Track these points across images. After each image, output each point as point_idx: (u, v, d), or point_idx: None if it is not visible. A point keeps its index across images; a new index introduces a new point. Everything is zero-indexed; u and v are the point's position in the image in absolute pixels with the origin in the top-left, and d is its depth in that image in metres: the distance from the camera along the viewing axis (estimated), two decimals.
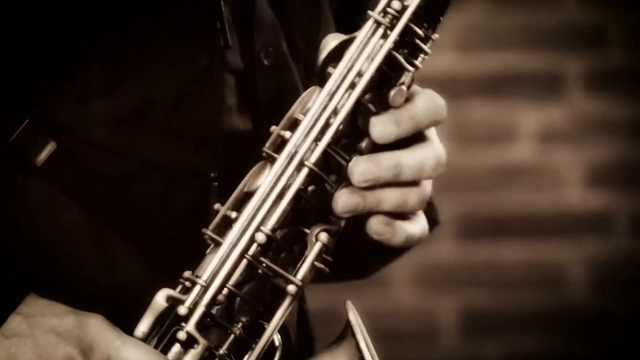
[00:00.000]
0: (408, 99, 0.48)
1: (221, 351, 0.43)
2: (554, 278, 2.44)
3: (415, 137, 0.50)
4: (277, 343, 0.45)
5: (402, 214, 0.50)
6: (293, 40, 0.61)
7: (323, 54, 0.48)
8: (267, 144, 0.47)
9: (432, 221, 0.64)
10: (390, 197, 0.48)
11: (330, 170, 0.46)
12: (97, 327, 0.44)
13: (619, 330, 2.41)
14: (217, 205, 0.47)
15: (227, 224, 0.46)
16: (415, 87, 0.50)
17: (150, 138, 0.52)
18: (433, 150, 0.51)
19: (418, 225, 0.53)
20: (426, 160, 0.49)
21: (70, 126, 0.50)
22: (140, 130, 0.51)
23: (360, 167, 0.45)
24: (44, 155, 0.49)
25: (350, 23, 0.61)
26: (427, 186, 0.53)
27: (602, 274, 2.42)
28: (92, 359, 0.43)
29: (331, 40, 0.49)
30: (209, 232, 0.45)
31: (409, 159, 0.48)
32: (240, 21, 0.56)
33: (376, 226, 0.48)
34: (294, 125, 0.47)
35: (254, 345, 0.44)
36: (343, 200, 0.46)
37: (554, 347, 2.41)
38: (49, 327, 0.45)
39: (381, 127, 0.46)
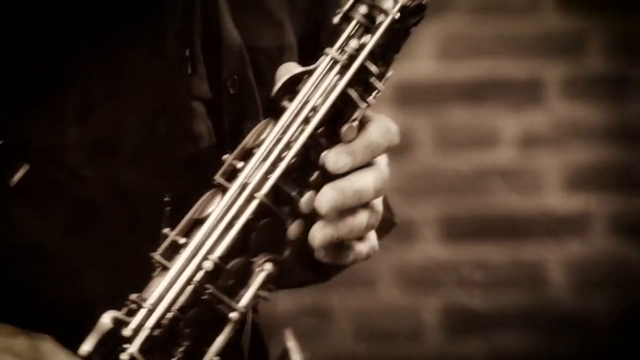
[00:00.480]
0: (362, 128, 0.48)
1: None
2: (535, 278, 2.45)
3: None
4: None
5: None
6: (259, 65, 0.61)
7: (276, 86, 0.48)
8: (219, 173, 0.47)
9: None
10: (358, 223, 0.49)
11: (279, 201, 0.47)
12: (49, 348, 0.45)
13: (597, 328, 2.43)
14: (166, 230, 0.47)
15: (175, 248, 0.46)
16: (368, 114, 0.50)
17: (123, 164, 0.52)
18: (378, 174, 0.51)
19: (366, 243, 0.54)
20: (375, 184, 0.50)
21: (45, 150, 0.50)
22: (113, 156, 0.52)
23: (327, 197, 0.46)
24: (17, 176, 0.49)
25: (312, 44, 0.62)
26: (378, 204, 0.53)
27: (581, 273, 2.43)
28: None
29: (284, 73, 0.49)
30: (156, 257, 0.46)
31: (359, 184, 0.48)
32: (209, 49, 0.56)
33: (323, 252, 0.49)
34: (247, 155, 0.48)
35: None
36: (320, 236, 0.46)
37: (534, 344, 2.42)
38: (5, 347, 0.46)
39: (336, 158, 0.47)
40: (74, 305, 0.50)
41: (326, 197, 0.46)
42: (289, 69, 0.50)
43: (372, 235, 0.55)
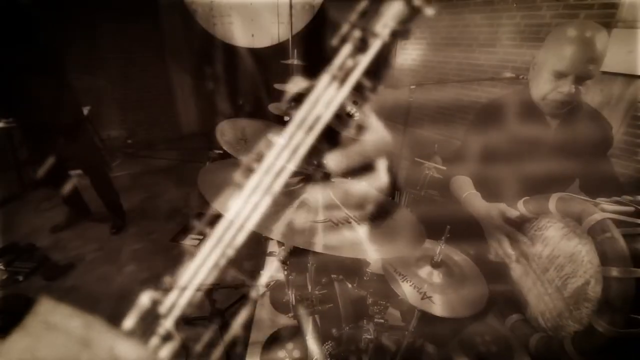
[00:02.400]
0: (359, 132, 0.50)
1: (194, 344, 0.44)
2: (497, 272, 2.47)
3: (364, 167, 0.52)
4: (240, 336, 0.46)
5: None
6: (269, 84, 0.62)
7: (286, 99, 0.50)
8: (237, 172, 0.49)
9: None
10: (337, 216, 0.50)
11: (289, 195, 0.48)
12: (100, 329, 0.46)
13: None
14: (194, 222, 0.48)
15: (201, 238, 0.47)
16: (370, 121, 0.51)
17: (155, 180, 0.53)
18: (376, 181, 0.52)
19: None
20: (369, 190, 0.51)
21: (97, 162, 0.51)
22: (144, 173, 0.53)
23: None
24: (68, 189, 0.50)
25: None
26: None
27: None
28: (96, 353, 0.45)
29: (293, 87, 0.50)
30: (187, 244, 0.47)
31: (355, 190, 0.50)
32: (227, 72, 0.57)
33: None
34: (260, 157, 0.49)
35: (221, 339, 0.45)
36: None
37: (499, 331, 2.43)
38: (60, 325, 0.46)
39: (335, 160, 0.48)
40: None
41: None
42: (296, 83, 0.51)
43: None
